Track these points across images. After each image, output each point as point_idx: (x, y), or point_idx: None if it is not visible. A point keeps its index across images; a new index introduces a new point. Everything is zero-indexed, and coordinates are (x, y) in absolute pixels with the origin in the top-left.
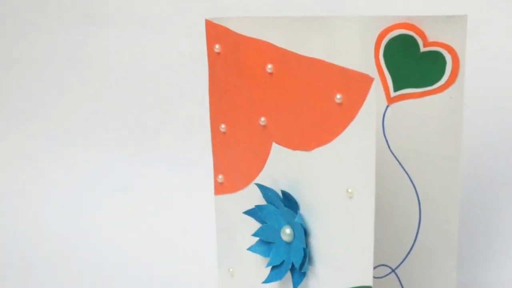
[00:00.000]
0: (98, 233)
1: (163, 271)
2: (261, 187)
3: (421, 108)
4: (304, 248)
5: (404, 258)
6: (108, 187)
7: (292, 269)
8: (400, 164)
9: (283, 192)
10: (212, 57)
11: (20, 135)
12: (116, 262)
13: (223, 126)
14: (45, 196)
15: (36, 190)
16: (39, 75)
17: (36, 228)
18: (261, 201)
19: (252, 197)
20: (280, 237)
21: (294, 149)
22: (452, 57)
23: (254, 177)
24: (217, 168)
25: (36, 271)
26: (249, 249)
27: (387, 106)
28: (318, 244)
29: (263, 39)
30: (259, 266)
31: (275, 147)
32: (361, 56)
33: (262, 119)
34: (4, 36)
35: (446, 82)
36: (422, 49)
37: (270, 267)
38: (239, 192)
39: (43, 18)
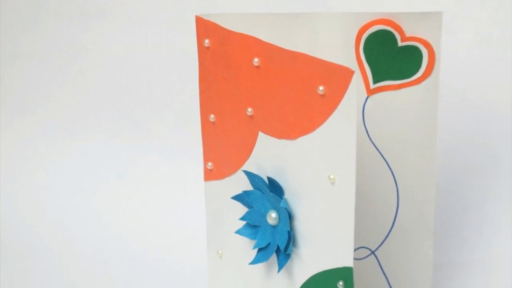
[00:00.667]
0: (94, 218)
1: (156, 252)
2: (248, 173)
3: (399, 99)
4: (288, 231)
5: (383, 241)
6: (105, 174)
7: (277, 251)
8: (379, 151)
9: (269, 179)
10: (202, 51)
11: (21, 125)
12: (111, 245)
13: (212, 116)
14: (45, 182)
15: (36, 177)
16: (40, 69)
17: (36, 212)
18: (248, 187)
19: (240, 183)
20: (266, 221)
21: (279, 138)
22: (428, 51)
23: (242, 164)
24: (207, 156)
25: (36, 253)
26: (237, 232)
27: (367, 98)
28: (302, 227)
29: (250, 34)
30: (246, 248)
31: (261, 136)
32: (342, 50)
33: (249, 109)
34: (6, 31)
35: (423, 74)
36: (400, 43)
37: (256, 249)
38: (228, 179)
39: (43, 15)
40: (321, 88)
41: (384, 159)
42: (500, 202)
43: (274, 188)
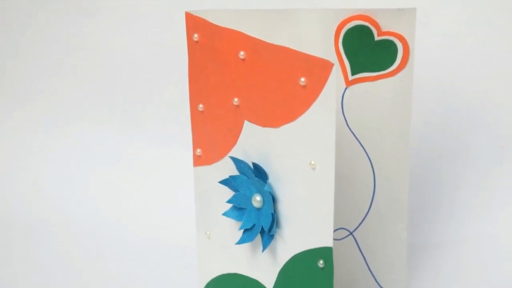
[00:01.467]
0: (90, 198)
1: (149, 233)
2: (234, 159)
3: (375, 89)
4: (272, 213)
5: (361, 222)
6: (100, 158)
7: (262, 232)
8: (357, 139)
9: (254, 164)
10: (192, 45)
11: (22, 114)
12: (106, 224)
13: (201, 106)
14: (44, 165)
15: (37, 160)
16: (39, 63)
17: (36, 193)
18: (235, 172)
19: (227, 168)
20: (251, 204)
21: (263, 126)
22: (403, 45)
23: (228, 151)
24: (196, 143)
25: (35, 230)
26: (224, 214)
27: (346, 88)
28: (285, 209)
29: (236, 29)
30: (233, 229)
31: (246, 124)
32: (322, 44)
33: (235, 99)
34: (8, 28)
35: (398, 67)
36: (376, 38)
37: (242, 230)
38: (215, 164)
39: (43, 12)
40: (302, 79)
41: (362, 146)
42: (470, 187)
43: (259, 173)
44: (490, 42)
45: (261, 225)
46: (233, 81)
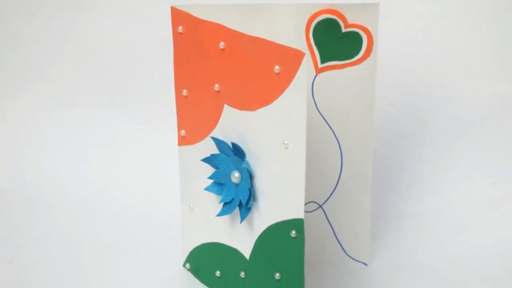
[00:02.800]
0: (84, 177)
1: (137, 206)
2: (215, 139)
3: (342, 76)
4: (249, 188)
5: (329, 196)
6: (94, 138)
7: (240, 205)
8: (326, 121)
9: (233, 144)
10: (176, 36)
11: (23, 98)
12: (99, 197)
13: (185, 91)
14: (42, 146)
15: (35, 141)
16: (39, 53)
17: (35, 172)
18: (215, 151)
19: (208, 147)
20: (230, 180)
21: (241, 109)
22: (367, 36)
23: (210, 132)
24: (180, 125)
25: (34, 206)
26: (206, 189)
27: (316, 75)
28: (261, 185)
29: (217, 22)
30: (214, 202)
31: (226, 108)
32: (294, 35)
33: (216, 85)
34: (10, 21)
35: (363, 56)
36: (343, 30)
37: (222, 204)
38: (198, 144)
39: (42, 7)
40: (277, 67)
41: (330, 127)
42: (429, 164)
43: (237, 152)
44: (445, 33)
45: (239, 199)
46: (214, 69)
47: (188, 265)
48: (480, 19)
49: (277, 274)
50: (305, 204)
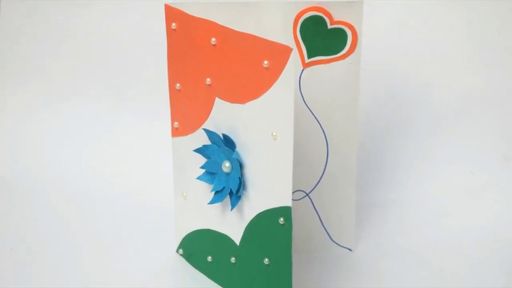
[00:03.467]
0: (82, 167)
1: (133, 194)
2: (207, 131)
3: (328, 71)
4: (239, 177)
5: (316, 185)
6: (92, 130)
7: (231, 193)
8: (312, 113)
9: (224, 135)
10: (170, 33)
11: (24, 92)
12: (96, 186)
13: (178, 85)
14: (43, 136)
15: (36, 133)
16: (39, 47)
17: (35, 162)
18: (207, 142)
19: (200, 139)
20: (221, 169)
21: (232, 102)
22: (352, 32)
23: (202, 124)
24: (174, 117)
25: (34, 195)
26: (198, 178)
27: (303, 70)
28: (250, 174)
29: (209, 19)
30: (205, 191)
31: (217, 101)
32: (283, 32)
33: (208, 79)
34: (11, 15)
35: (347, 51)
36: (329, 26)
37: (214, 192)
38: (190, 135)
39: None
40: (265, 62)
41: (317, 119)
42: (411, 154)
43: (228, 143)
44: (425, 30)
45: (230, 187)
46: (206, 63)
47: (181, 251)
48: (459, 16)
49: (266, 259)
50: (293, 192)
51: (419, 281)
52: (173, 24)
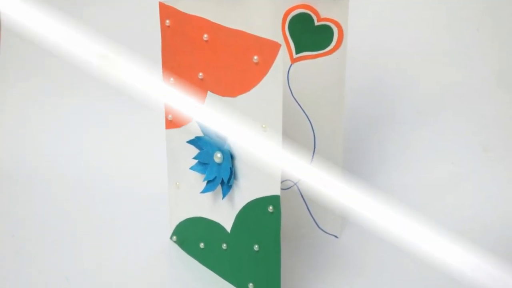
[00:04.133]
0: (80, 157)
1: (128, 184)
2: (199, 123)
3: (315, 66)
4: (230, 168)
5: (303, 174)
6: (88, 123)
7: (222, 183)
8: (300, 106)
9: (215, 127)
10: (164, 29)
11: (23, 87)
12: (94, 175)
13: (171, 79)
14: (42, 130)
15: (35, 125)
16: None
17: (35, 153)
18: (199, 133)
19: (193, 130)
20: (213, 160)
21: (223, 96)
22: (338, 29)
23: (194, 116)
24: (168, 109)
25: (34, 184)
26: (191, 168)
27: (291, 65)
28: (241, 164)
29: (201, 16)
30: (198, 180)
31: (209, 94)
32: (272, 28)
33: (200, 74)
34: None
35: (334, 47)
36: (316, 23)
37: (206, 181)
38: (184, 127)
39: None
40: (255, 57)
41: (304, 112)
42: (394, 146)
43: (219, 134)
44: (409, 26)
45: (222, 177)
46: (198, 59)
47: (174, 238)
48: (441, 12)
49: (256, 246)
50: (281, 182)
51: (402, 267)
52: (167, 21)
